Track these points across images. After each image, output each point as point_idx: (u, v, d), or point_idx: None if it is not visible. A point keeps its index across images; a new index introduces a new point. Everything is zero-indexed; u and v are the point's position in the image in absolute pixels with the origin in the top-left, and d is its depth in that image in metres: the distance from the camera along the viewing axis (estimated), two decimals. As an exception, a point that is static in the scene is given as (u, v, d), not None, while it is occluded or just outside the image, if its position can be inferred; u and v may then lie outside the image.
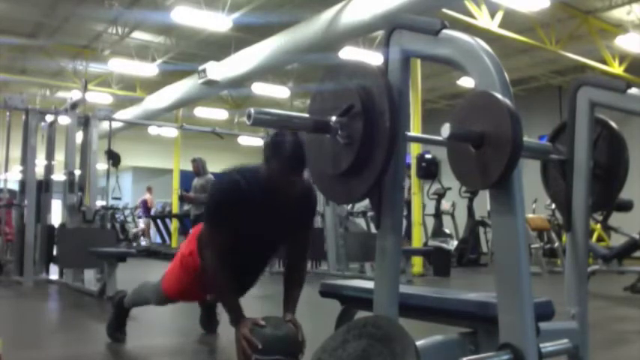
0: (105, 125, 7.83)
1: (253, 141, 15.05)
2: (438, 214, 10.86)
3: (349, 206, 8.52)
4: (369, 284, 1.93)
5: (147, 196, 16.29)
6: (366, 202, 1.99)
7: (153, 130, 16.79)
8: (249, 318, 2.28)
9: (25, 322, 4.15)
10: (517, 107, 1.38)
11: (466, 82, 13.06)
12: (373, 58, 9.90)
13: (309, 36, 9.08)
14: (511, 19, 9.43)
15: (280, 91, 13.83)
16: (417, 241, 9.11)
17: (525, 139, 1.40)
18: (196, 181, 8.09)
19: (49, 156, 7.03)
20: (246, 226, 2.41)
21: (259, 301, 4.61)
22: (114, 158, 6.94)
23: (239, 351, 2.26)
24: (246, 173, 2.43)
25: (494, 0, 8.70)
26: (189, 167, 8.45)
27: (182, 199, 9.22)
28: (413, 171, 8.97)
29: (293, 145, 2.20)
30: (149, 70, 12.66)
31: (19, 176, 7.03)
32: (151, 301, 2.94)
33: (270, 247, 2.69)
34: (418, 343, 1.53)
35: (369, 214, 8.53)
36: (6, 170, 7.48)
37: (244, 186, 2.38)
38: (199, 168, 8.03)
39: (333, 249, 8.08)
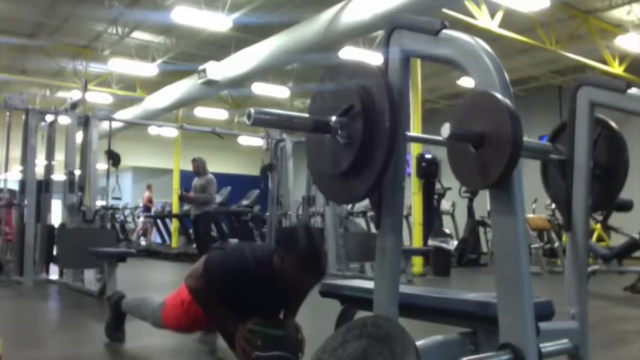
0: (105, 125, 7.83)
1: (253, 141, 15.04)
2: (438, 214, 10.86)
3: (349, 206, 8.52)
4: (369, 284, 1.93)
5: (146, 193, 16.30)
6: (366, 202, 1.99)
7: (153, 130, 16.79)
8: (248, 321, 2.30)
9: (25, 322, 4.15)
10: (517, 107, 1.38)
11: (466, 82, 13.06)
12: (373, 58, 9.90)
13: (309, 36, 9.08)
14: (511, 19, 9.43)
15: (280, 91, 13.83)
16: (417, 241, 9.11)
17: (525, 139, 1.40)
18: (196, 181, 8.09)
19: (49, 156, 7.03)
20: (245, 301, 2.40)
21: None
22: (114, 158, 6.94)
23: (239, 350, 2.27)
24: (260, 257, 2.37)
25: (494, 0, 8.70)
26: (189, 167, 8.46)
27: (182, 199, 9.23)
28: (413, 172, 8.97)
29: (310, 249, 2.19)
30: (149, 70, 12.66)
31: (19, 176, 7.03)
32: (147, 321, 2.93)
33: (268, 311, 2.64)
34: (418, 343, 1.53)
35: (369, 214, 8.53)
36: (6, 170, 7.48)
37: (253, 270, 2.34)
38: (199, 168, 8.04)
39: (333, 249, 8.08)
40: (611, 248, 6.90)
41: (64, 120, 6.93)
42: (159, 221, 15.07)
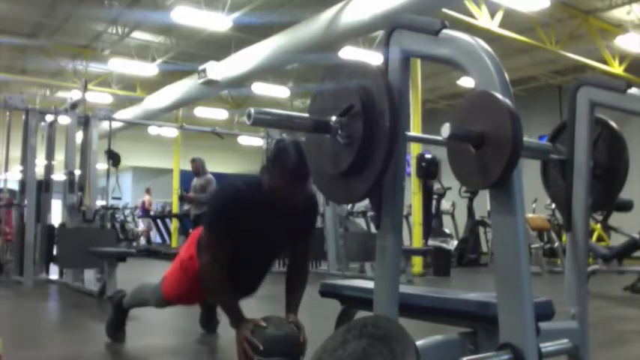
0: (105, 125, 7.83)
1: (253, 141, 15.04)
2: (438, 214, 10.87)
3: (349, 206, 8.52)
4: (369, 284, 1.93)
5: (145, 197, 16.31)
6: (366, 202, 1.99)
7: (153, 130, 16.79)
8: (250, 319, 2.28)
9: (25, 322, 4.15)
10: (517, 107, 1.38)
11: (466, 82, 13.06)
12: (373, 58, 9.90)
13: (309, 36, 9.08)
14: (511, 19, 9.43)
15: (280, 91, 13.83)
16: (417, 241, 9.11)
17: (525, 139, 1.40)
18: (196, 181, 8.07)
19: (49, 156, 7.03)
20: (247, 233, 2.41)
21: (260, 302, 4.60)
22: (114, 158, 6.94)
23: (240, 352, 2.26)
24: (249, 182, 2.43)
25: (494, 0, 8.70)
26: (189, 167, 8.45)
27: (182, 199, 9.23)
28: (413, 172, 8.97)
29: (295, 156, 2.21)
30: (149, 70, 12.66)
31: (19, 176, 7.03)
32: (150, 303, 2.93)
33: (272, 252, 2.69)
34: (418, 343, 1.53)
35: (369, 214, 8.53)
36: (6, 170, 7.48)
37: (246, 194, 2.38)
38: (199, 168, 8.03)
39: (333, 249, 8.08)
40: (611, 248, 6.90)
41: (64, 120, 6.93)
42: (159, 221, 15.09)
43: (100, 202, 6.94)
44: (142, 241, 15.38)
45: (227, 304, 2.41)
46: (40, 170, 7.04)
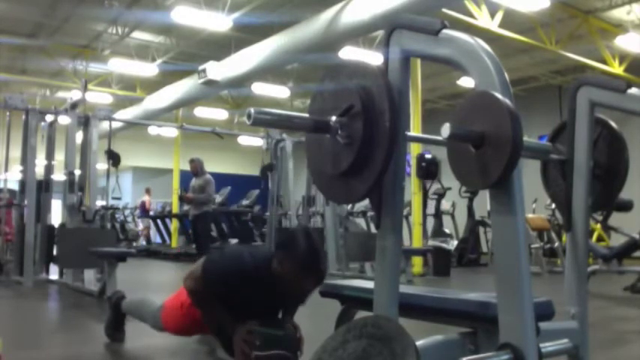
0: (105, 125, 7.83)
1: (253, 141, 15.05)
2: (438, 214, 10.87)
3: (349, 206, 8.52)
4: (369, 284, 1.93)
5: (145, 197, 16.31)
6: (366, 202, 1.99)
7: (153, 130, 16.79)
8: (247, 323, 2.30)
9: (25, 322, 4.15)
10: (517, 107, 1.38)
11: (466, 82, 13.06)
12: (373, 58, 9.90)
13: (309, 36, 9.08)
14: (511, 19, 9.43)
15: (280, 91, 13.83)
16: (417, 241, 9.11)
17: (525, 139, 1.40)
18: (194, 182, 8.03)
19: (49, 156, 7.03)
20: (243, 304, 2.39)
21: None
22: (114, 158, 6.94)
23: (238, 351, 2.26)
24: (258, 259, 2.35)
25: (494, 0, 8.70)
26: (189, 167, 8.43)
27: (182, 200, 9.23)
28: (413, 172, 8.97)
29: (309, 253, 2.18)
30: (149, 70, 12.66)
31: (19, 176, 7.03)
32: (146, 322, 2.93)
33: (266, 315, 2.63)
34: (418, 343, 1.53)
35: (369, 214, 8.53)
36: (6, 170, 7.48)
37: (251, 272, 2.32)
38: (197, 168, 7.99)
39: (333, 249, 8.08)
40: (611, 248, 6.90)
41: (64, 120, 6.93)
42: (159, 221, 15.09)
43: (100, 202, 6.94)
44: (142, 241, 15.37)
45: (220, 321, 2.41)
46: (40, 170, 7.04)
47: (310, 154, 1.72)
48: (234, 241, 11.04)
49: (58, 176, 6.96)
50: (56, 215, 7.67)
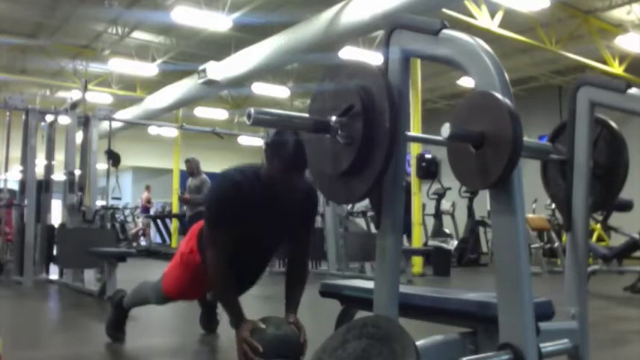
0: (105, 125, 7.83)
1: (253, 141, 15.04)
2: (438, 214, 10.87)
3: (349, 206, 8.52)
4: (369, 284, 1.93)
5: (145, 194, 16.30)
6: (366, 202, 1.99)
7: (153, 130, 16.79)
8: (250, 320, 2.28)
9: (25, 322, 4.15)
10: (517, 107, 1.38)
11: (466, 82, 13.06)
12: (373, 58, 9.90)
13: (309, 36, 9.08)
14: (511, 19, 9.43)
15: (280, 91, 13.83)
16: (417, 241, 9.11)
17: (525, 139, 1.40)
18: (190, 182, 7.94)
19: (49, 156, 7.03)
20: (247, 224, 2.40)
21: (260, 302, 4.61)
22: (114, 158, 6.94)
23: (240, 354, 2.26)
24: (247, 172, 2.43)
25: (494, 0, 8.70)
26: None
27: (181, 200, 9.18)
28: (413, 172, 8.98)
29: (294, 145, 2.21)
30: (149, 70, 12.66)
31: (19, 176, 7.03)
32: (150, 301, 2.93)
33: (271, 246, 2.69)
34: (418, 343, 1.53)
35: (369, 214, 8.52)
36: (6, 170, 7.48)
37: (245, 185, 2.38)
38: (193, 168, 7.89)
39: (333, 249, 8.08)
40: (611, 248, 6.90)
41: (64, 120, 6.93)
42: (159, 221, 15.08)
43: (100, 202, 6.94)
44: (143, 241, 15.34)
45: (229, 303, 2.40)
46: (40, 170, 7.04)
47: (310, 154, 1.72)
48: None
49: (58, 176, 6.96)
50: (56, 215, 7.67)
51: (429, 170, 9.12)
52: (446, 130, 1.41)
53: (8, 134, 7.06)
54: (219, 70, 10.93)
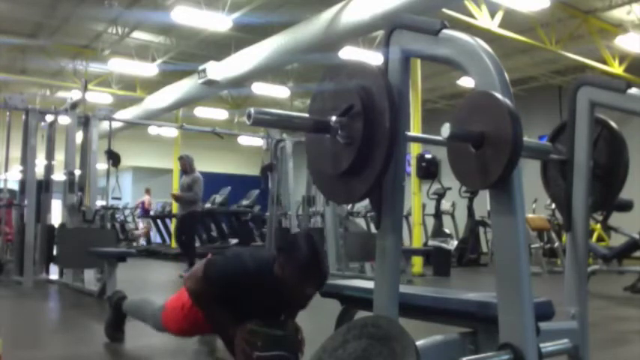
0: (105, 125, 7.83)
1: (253, 141, 15.06)
2: (438, 214, 10.87)
3: (349, 206, 8.52)
4: (369, 284, 1.93)
5: (145, 197, 16.29)
6: (366, 202, 2.00)
7: (153, 130, 16.79)
8: (248, 323, 2.30)
9: (25, 322, 4.15)
10: (517, 107, 1.38)
11: (466, 82, 13.06)
12: (373, 58, 9.90)
13: (309, 36, 9.08)
14: (511, 19, 9.43)
15: (280, 91, 13.83)
16: (417, 241, 9.12)
17: (525, 139, 1.40)
18: (183, 179, 7.84)
19: (49, 156, 7.03)
20: (245, 307, 2.39)
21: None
22: (114, 158, 6.93)
23: (239, 352, 2.26)
24: (259, 264, 2.36)
25: (494, 0, 8.70)
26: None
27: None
28: (413, 172, 8.98)
29: (311, 258, 2.18)
30: (149, 70, 12.66)
31: (19, 176, 7.03)
32: (147, 323, 2.93)
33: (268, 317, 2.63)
34: (418, 343, 1.53)
35: (369, 214, 8.52)
36: (6, 170, 7.48)
37: (253, 276, 2.33)
38: (186, 165, 7.76)
39: (333, 249, 8.08)
40: (611, 248, 6.90)
41: (64, 120, 6.93)
42: (159, 221, 15.07)
43: (100, 203, 6.94)
44: (142, 241, 15.36)
45: (220, 320, 2.42)
46: (40, 170, 7.04)
47: (310, 154, 1.72)
48: (234, 241, 11.03)
49: (58, 176, 6.95)
50: (56, 215, 7.66)
51: (429, 170, 9.12)
52: (446, 130, 1.41)
53: (8, 134, 7.06)
54: (219, 70, 10.92)
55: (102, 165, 6.98)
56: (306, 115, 1.63)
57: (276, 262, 2.28)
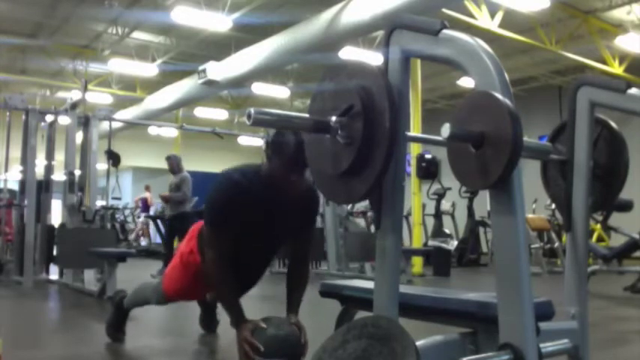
0: (105, 125, 7.83)
1: (253, 141, 15.04)
2: (438, 214, 10.87)
3: (349, 206, 8.52)
4: (369, 284, 1.93)
5: (146, 194, 16.28)
6: (366, 202, 2.00)
7: (153, 130, 16.79)
8: (251, 320, 2.27)
9: (25, 322, 4.15)
10: (517, 107, 1.38)
11: (466, 82, 13.07)
12: (373, 58, 9.90)
13: (309, 36, 9.08)
14: (511, 19, 9.43)
15: (280, 91, 13.83)
16: (417, 241, 9.12)
17: (525, 139, 1.40)
18: (172, 180, 7.73)
19: (49, 156, 7.03)
20: (247, 224, 2.40)
21: (260, 302, 4.61)
22: (114, 158, 6.94)
23: (241, 353, 2.26)
24: (247, 172, 2.43)
25: (494, 0, 8.70)
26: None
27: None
28: (413, 172, 8.98)
29: (294, 145, 2.21)
30: (149, 70, 12.67)
31: (19, 176, 7.03)
32: (151, 301, 2.93)
33: (272, 246, 2.68)
34: (418, 343, 1.53)
35: (369, 214, 8.52)
36: (6, 170, 7.48)
37: (245, 184, 2.37)
38: (174, 165, 7.67)
39: (333, 249, 8.08)
40: (611, 248, 6.90)
41: (64, 120, 6.93)
42: (159, 221, 15.03)
43: (100, 203, 6.94)
44: (143, 241, 15.34)
45: (230, 303, 2.40)
46: (40, 170, 7.05)
47: (310, 154, 1.72)
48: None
49: (58, 176, 6.96)
50: (56, 215, 7.66)
51: (429, 170, 9.12)
52: (446, 130, 1.41)
53: (8, 134, 7.06)
54: (219, 70, 10.93)
55: (102, 165, 6.98)
56: (306, 115, 1.63)
57: (265, 159, 2.37)
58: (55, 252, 6.48)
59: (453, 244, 9.99)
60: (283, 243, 2.65)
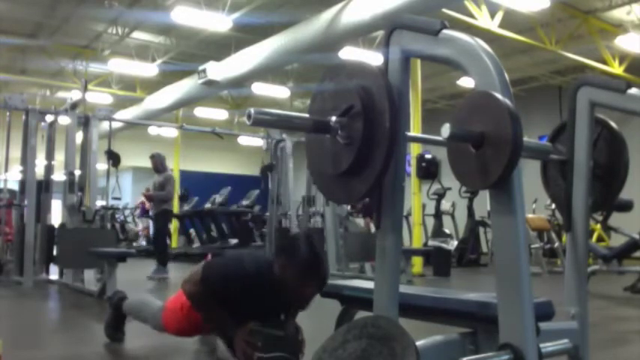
0: (105, 125, 7.82)
1: (253, 141, 15.05)
2: (438, 214, 10.87)
3: (349, 206, 8.52)
4: (369, 284, 1.93)
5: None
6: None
7: (153, 130, 16.78)
8: (247, 324, 2.30)
9: (25, 322, 4.15)
10: (517, 107, 1.38)
11: (466, 82, 13.07)
12: (373, 58, 9.90)
13: (309, 36, 9.08)
14: (511, 19, 9.43)
15: (280, 91, 13.83)
16: (417, 241, 9.11)
17: (525, 139, 1.40)
18: (156, 178, 7.73)
19: (49, 156, 7.03)
20: (245, 309, 2.38)
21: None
22: (114, 158, 6.93)
23: (240, 352, 2.26)
24: (258, 266, 2.34)
25: (494, 0, 8.70)
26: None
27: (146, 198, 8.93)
28: (413, 172, 8.98)
29: (311, 259, 2.18)
30: (149, 70, 12.67)
31: (19, 176, 7.02)
32: (148, 324, 2.93)
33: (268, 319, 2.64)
34: (418, 343, 1.53)
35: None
36: (6, 170, 7.48)
37: (252, 278, 2.32)
38: (157, 164, 7.67)
39: (333, 249, 8.08)
40: (611, 248, 6.89)
41: (64, 120, 6.93)
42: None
43: (99, 203, 6.94)
44: (142, 241, 15.37)
45: (219, 321, 2.41)
46: (40, 170, 7.04)
47: (310, 154, 1.72)
48: (234, 241, 11.03)
49: (58, 176, 6.95)
50: (56, 215, 7.66)
51: (429, 170, 9.13)
52: (446, 130, 1.41)
53: (8, 134, 7.06)
54: (219, 70, 10.93)
55: (102, 165, 6.98)
56: (306, 115, 1.63)
57: (276, 263, 2.27)
58: (55, 252, 6.48)
59: (453, 244, 9.99)
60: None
